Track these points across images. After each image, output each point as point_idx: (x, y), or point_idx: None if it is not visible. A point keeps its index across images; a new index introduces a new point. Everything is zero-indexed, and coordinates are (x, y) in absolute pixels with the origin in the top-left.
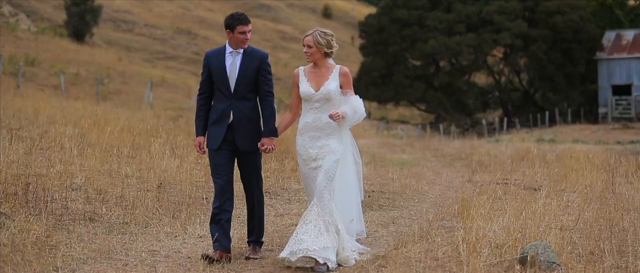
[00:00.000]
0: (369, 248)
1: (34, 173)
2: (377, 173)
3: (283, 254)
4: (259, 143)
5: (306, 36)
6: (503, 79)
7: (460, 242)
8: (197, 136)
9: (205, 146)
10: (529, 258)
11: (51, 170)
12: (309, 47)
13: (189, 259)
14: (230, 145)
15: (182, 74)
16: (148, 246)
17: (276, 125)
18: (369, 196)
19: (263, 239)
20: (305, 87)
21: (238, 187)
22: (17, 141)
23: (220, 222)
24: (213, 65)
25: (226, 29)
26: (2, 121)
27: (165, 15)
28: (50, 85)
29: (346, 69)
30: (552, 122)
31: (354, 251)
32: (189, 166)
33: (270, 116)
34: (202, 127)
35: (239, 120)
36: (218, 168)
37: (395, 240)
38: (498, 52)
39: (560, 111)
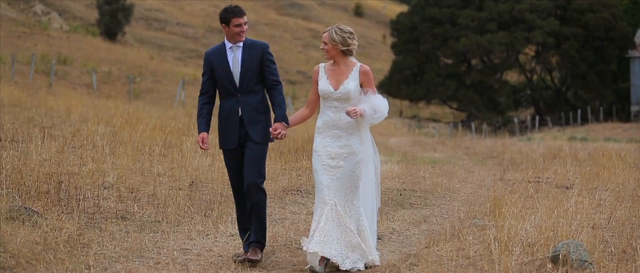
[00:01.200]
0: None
1: (66, 171)
2: (409, 171)
3: (309, 247)
4: (271, 128)
5: (325, 32)
6: (535, 77)
7: (492, 241)
8: (200, 132)
9: (218, 146)
10: (560, 257)
11: (83, 168)
12: (325, 43)
13: (221, 257)
14: (241, 141)
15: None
16: (180, 244)
17: (288, 115)
18: (400, 194)
19: (265, 241)
20: (324, 84)
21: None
22: (49, 139)
23: (245, 231)
24: (215, 63)
25: (221, 23)
26: (35, 119)
27: (196, 13)
28: (82, 84)
29: (366, 68)
30: (584, 120)
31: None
32: (221, 164)
33: (281, 103)
34: (206, 123)
35: (248, 114)
36: (235, 170)
37: (427, 239)
38: (530, 50)
39: (592, 109)
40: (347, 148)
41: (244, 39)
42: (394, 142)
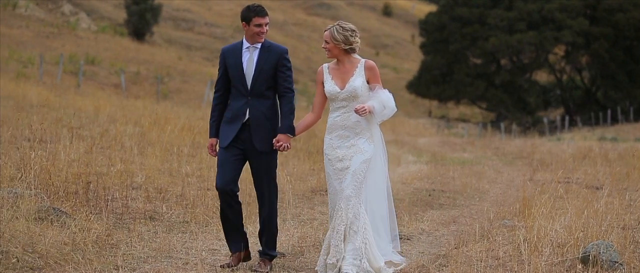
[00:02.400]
0: (404, 258)
1: (94, 172)
2: (438, 172)
3: (317, 268)
4: (274, 140)
5: (325, 31)
6: (564, 77)
7: (522, 241)
8: (210, 137)
9: (217, 147)
10: (590, 258)
11: (111, 169)
12: (326, 42)
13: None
14: (242, 145)
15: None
16: (208, 245)
17: (295, 124)
18: (429, 195)
19: (276, 253)
20: (330, 85)
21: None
22: (77, 140)
23: (229, 227)
24: (229, 62)
25: (242, 21)
26: (63, 120)
27: (224, 13)
28: (111, 84)
29: (371, 63)
30: (614, 120)
31: (392, 264)
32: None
33: (289, 113)
34: (216, 127)
35: (256, 118)
36: (223, 166)
37: (456, 239)
38: (559, 50)
39: (622, 109)
40: (354, 148)
41: (263, 40)
42: (423, 142)
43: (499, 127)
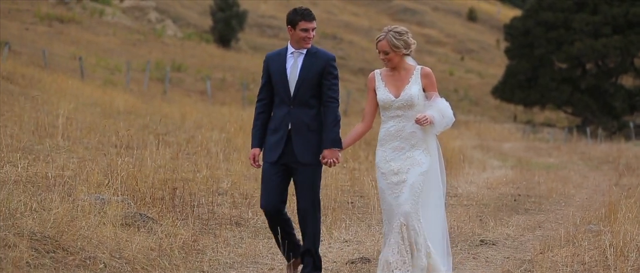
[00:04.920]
0: None
1: (180, 178)
2: (523, 176)
3: None
4: (320, 156)
5: (379, 41)
6: None
7: (608, 246)
8: (252, 148)
9: (260, 159)
10: None
11: (198, 175)
12: (386, 52)
13: (335, 263)
14: (285, 158)
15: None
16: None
17: (342, 136)
18: (515, 200)
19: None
20: (383, 93)
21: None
22: (164, 146)
23: (280, 235)
24: (273, 68)
25: (288, 25)
26: (150, 126)
27: None
28: (197, 91)
29: (428, 69)
30: None
31: None
32: (335, 170)
33: (333, 124)
34: (259, 137)
35: (297, 128)
36: (268, 183)
37: (542, 244)
38: None
39: None
40: (410, 160)
41: (309, 46)
42: (508, 147)
43: (585, 132)
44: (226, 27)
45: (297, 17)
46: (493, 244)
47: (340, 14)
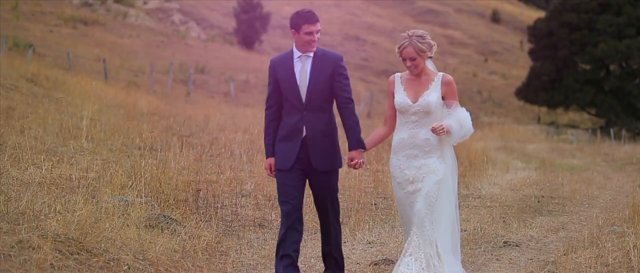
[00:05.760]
0: None
1: (204, 179)
2: (547, 178)
3: None
4: (347, 158)
5: (403, 48)
6: None
7: (632, 248)
8: (267, 157)
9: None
10: None
11: (221, 176)
12: (412, 59)
13: (358, 265)
14: (302, 164)
15: (350, 80)
16: (317, 252)
17: (364, 138)
18: (538, 201)
19: None
20: (401, 96)
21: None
22: (187, 148)
23: (283, 258)
24: (280, 74)
25: (291, 28)
26: (173, 128)
27: (333, 21)
28: (220, 92)
29: (450, 77)
30: None
31: None
32: (358, 172)
33: (355, 126)
34: (273, 145)
35: (313, 135)
36: (286, 191)
37: (565, 246)
38: None
39: None
40: (425, 168)
41: (314, 48)
42: (532, 148)
43: (609, 133)
44: (250, 29)
45: (300, 21)
46: (516, 246)
47: (363, 15)
